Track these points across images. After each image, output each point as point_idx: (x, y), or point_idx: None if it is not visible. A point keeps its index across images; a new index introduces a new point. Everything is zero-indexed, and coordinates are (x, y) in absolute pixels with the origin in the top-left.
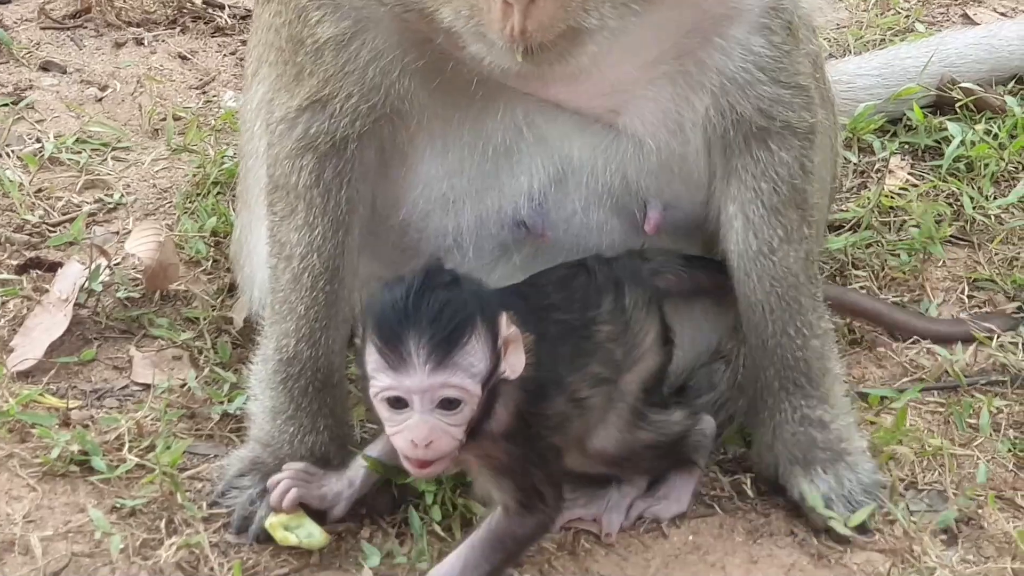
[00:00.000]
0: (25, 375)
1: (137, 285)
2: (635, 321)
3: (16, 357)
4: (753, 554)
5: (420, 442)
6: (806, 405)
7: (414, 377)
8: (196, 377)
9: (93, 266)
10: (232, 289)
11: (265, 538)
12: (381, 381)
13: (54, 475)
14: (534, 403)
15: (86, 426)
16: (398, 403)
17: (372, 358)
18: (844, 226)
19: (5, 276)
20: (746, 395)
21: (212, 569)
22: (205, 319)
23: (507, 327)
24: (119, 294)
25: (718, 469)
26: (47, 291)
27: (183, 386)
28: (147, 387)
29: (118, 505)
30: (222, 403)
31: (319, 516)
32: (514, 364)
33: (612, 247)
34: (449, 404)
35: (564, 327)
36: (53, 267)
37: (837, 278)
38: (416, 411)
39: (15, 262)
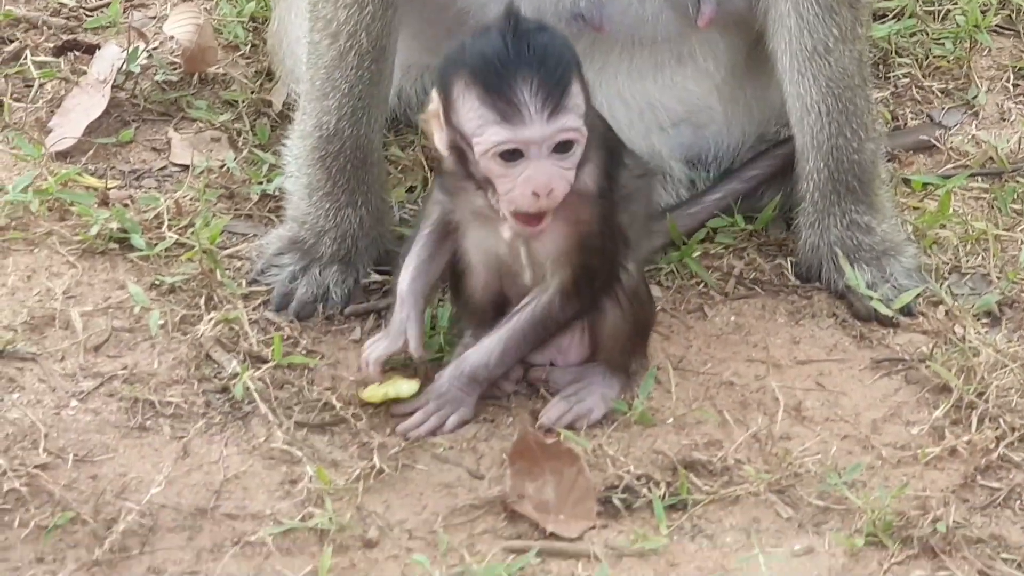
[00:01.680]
0: (63, 155)
1: (175, 68)
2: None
3: (54, 137)
4: (795, 335)
5: (543, 190)
6: (855, 210)
7: (533, 127)
8: (235, 158)
9: (131, 48)
10: (271, 73)
11: (305, 315)
12: (495, 135)
13: (93, 252)
14: (613, 162)
15: (125, 205)
16: (513, 155)
17: (477, 113)
18: (888, 14)
19: (43, 58)
20: (794, 194)
21: (251, 344)
22: (243, 101)
23: None
24: (157, 77)
25: (758, 253)
26: (85, 73)
27: (222, 167)
28: (185, 168)
29: (157, 282)
30: (261, 183)
31: None
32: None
33: (667, 39)
34: (564, 147)
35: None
36: (91, 49)
37: (880, 66)
38: (533, 159)
39: (52, 44)
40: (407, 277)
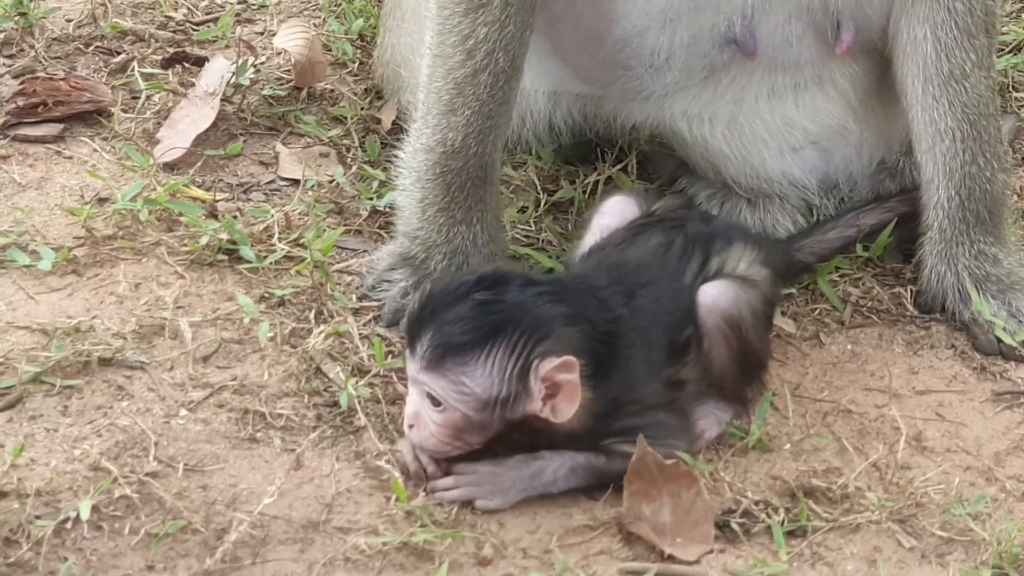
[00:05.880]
0: (171, 167)
1: (282, 83)
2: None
3: (162, 148)
4: (913, 365)
5: (407, 418)
6: (983, 240)
7: (412, 365)
8: (344, 173)
9: (240, 61)
10: (379, 91)
11: None
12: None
13: (202, 264)
14: (615, 405)
15: (234, 217)
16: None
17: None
18: (1005, 48)
19: (150, 70)
20: (919, 224)
21: (362, 358)
22: (352, 118)
23: (561, 372)
24: (264, 91)
25: (876, 282)
26: (192, 85)
27: (331, 182)
28: (294, 182)
29: (267, 295)
30: (371, 199)
31: None
32: (561, 409)
33: (809, 63)
34: (433, 400)
35: (657, 310)
36: (199, 62)
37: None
38: (412, 391)
39: (159, 57)
40: None
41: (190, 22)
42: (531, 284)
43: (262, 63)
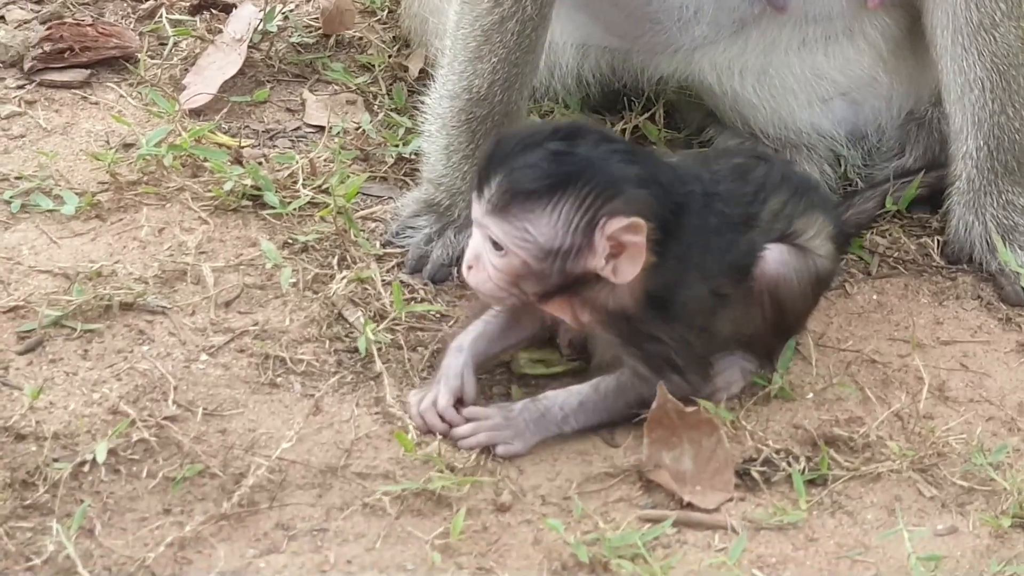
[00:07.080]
0: (197, 113)
1: (310, 31)
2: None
3: (188, 94)
4: (938, 315)
5: (466, 260)
6: (1011, 191)
7: (478, 207)
8: (370, 121)
9: (268, 8)
10: (407, 40)
11: (440, 278)
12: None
13: (226, 209)
14: (666, 291)
15: (259, 163)
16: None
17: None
18: None
19: (178, 17)
20: (949, 174)
21: (383, 305)
22: (380, 66)
23: (628, 233)
24: (292, 39)
25: (903, 232)
26: (220, 32)
27: (357, 129)
28: (320, 129)
29: (290, 240)
30: (397, 146)
31: None
32: (623, 270)
33: (840, 15)
34: (495, 244)
35: (724, 220)
36: (226, 9)
37: None
38: (475, 233)
39: (187, 3)
40: (472, 332)
41: None
42: (607, 141)
43: (290, 10)
